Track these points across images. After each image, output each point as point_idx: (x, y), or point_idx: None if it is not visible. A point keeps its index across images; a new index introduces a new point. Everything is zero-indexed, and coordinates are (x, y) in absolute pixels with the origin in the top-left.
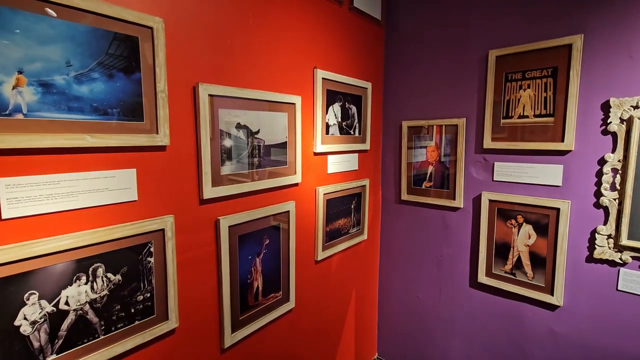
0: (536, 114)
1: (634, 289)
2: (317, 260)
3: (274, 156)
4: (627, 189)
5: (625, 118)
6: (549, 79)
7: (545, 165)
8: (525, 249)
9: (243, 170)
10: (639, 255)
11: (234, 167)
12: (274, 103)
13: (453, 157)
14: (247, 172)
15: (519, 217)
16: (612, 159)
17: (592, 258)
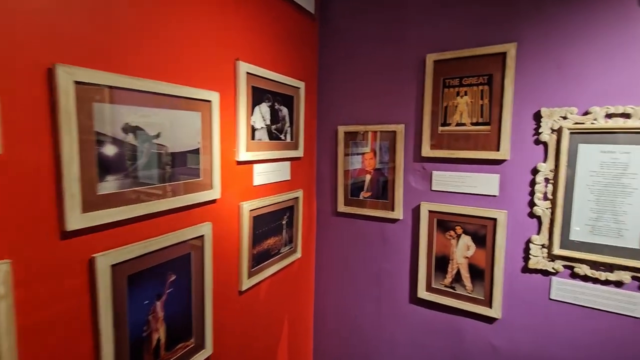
0: (473, 122)
1: (565, 297)
2: (241, 290)
3: (182, 167)
4: (558, 199)
5: (556, 128)
6: (485, 86)
7: (482, 174)
8: (465, 261)
9: (135, 186)
10: (570, 264)
11: (120, 184)
12: (182, 99)
13: (391, 165)
14: (141, 189)
15: (457, 228)
16: (544, 168)
17: (528, 268)
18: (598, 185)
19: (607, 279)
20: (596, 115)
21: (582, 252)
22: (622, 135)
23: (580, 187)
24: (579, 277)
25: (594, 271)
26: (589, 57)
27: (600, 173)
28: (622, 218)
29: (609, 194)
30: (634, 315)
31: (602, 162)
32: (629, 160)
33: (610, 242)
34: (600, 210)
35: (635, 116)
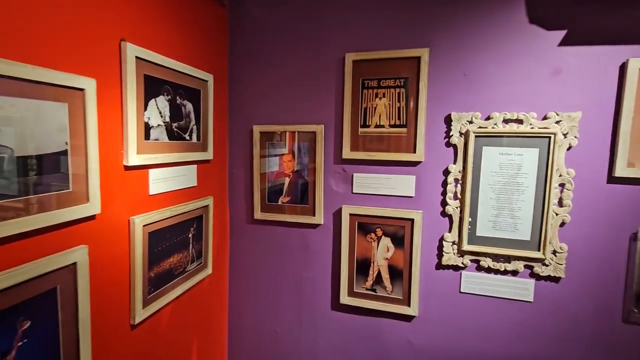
0: (391, 124)
1: (473, 289)
2: (134, 324)
3: (39, 176)
4: (466, 198)
5: (463, 132)
6: (402, 89)
7: (400, 176)
8: (385, 263)
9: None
10: (477, 258)
11: None
12: (35, 85)
13: (311, 167)
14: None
15: (378, 230)
16: (454, 169)
17: (441, 265)
18: (498, 185)
19: (506, 269)
20: (496, 120)
21: (486, 246)
22: (516, 139)
23: (484, 186)
24: (484, 269)
25: (495, 263)
26: (490, 67)
27: (500, 173)
28: (517, 214)
29: (506, 192)
30: (527, 299)
31: (501, 163)
32: (522, 161)
33: (507, 235)
34: (500, 207)
35: (526, 122)
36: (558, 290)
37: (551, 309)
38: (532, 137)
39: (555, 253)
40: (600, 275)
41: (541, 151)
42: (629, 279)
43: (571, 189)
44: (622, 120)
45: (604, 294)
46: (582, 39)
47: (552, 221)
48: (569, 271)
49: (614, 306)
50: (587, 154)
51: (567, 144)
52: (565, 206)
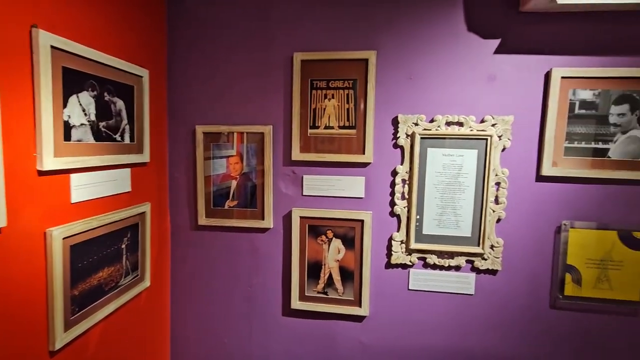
0: (341, 125)
1: (420, 286)
2: (54, 350)
3: None
4: (413, 198)
5: (410, 133)
6: (350, 90)
7: (350, 177)
8: (336, 265)
9: None
10: (423, 256)
11: None
12: None
13: (260, 170)
14: None
15: (328, 232)
16: (401, 170)
17: (390, 264)
18: (442, 184)
19: (450, 265)
20: (439, 123)
21: (432, 244)
22: (457, 141)
23: (429, 186)
24: (430, 266)
25: (440, 259)
26: (434, 71)
27: (443, 173)
28: (459, 212)
29: (449, 191)
30: (469, 292)
31: (444, 164)
32: (462, 162)
33: (451, 233)
34: (444, 206)
35: (466, 124)
36: (496, 282)
37: (490, 299)
38: (472, 139)
39: (493, 247)
40: (531, 266)
41: (479, 152)
42: (554, 267)
43: (506, 187)
44: (547, 124)
45: (534, 282)
46: (513, 48)
47: (489, 218)
48: (505, 264)
49: (543, 293)
50: (518, 155)
51: (502, 145)
52: (501, 203)
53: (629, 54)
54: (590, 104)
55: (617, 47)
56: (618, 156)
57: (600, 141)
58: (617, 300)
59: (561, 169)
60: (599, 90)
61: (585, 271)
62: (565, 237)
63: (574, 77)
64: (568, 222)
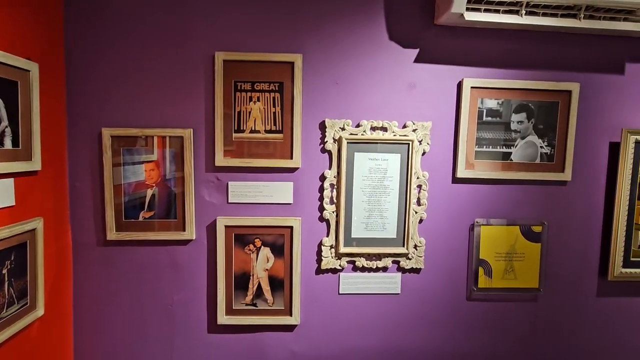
0: (267, 130)
1: (350, 289)
2: None
3: None
4: (341, 202)
5: (337, 138)
6: (277, 94)
7: (278, 183)
8: (265, 274)
9: None
10: (353, 259)
11: None
12: None
13: (180, 177)
14: None
15: (256, 240)
16: (329, 175)
17: (321, 269)
18: (368, 188)
19: (377, 266)
20: (365, 128)
21: (360, 247)
22: (382, 145)
23: (357, 190)
24: (359, 269)
25: (368, 262)
26: (359, 77)
27: (370, 177)
28: (385, 214)
29: (376, 194)
30: (395, 292)
31: (370, 168)
32: (387, 165)
33: (378, 235)
34: (371, 209)
35: (389, 130)
36: (419, 280)
37: (414, 297)
38: (395, 143)
39: (416, 247)
40: (450, 262)
41: (402, 156)
42: (470, 262)
43: (426, 190)
44: (460, 129)
45: (453, 277)
46: (430, 58)
47: (412, 219)
48: (426, 262)
49: (460, 287)
50: (437, 158)
51: (422, 149)
52: (422, 205)
53: (526, 67)
54: (495, 112)
55: (518, 62)
56: (519, 159)
57: (504, 145)
58: (521, 288)
59: (473, 171)
60: (502, 99)
61: (495, 264)
62: (477, 234)
63: (481, 87)
64: (480, 220)
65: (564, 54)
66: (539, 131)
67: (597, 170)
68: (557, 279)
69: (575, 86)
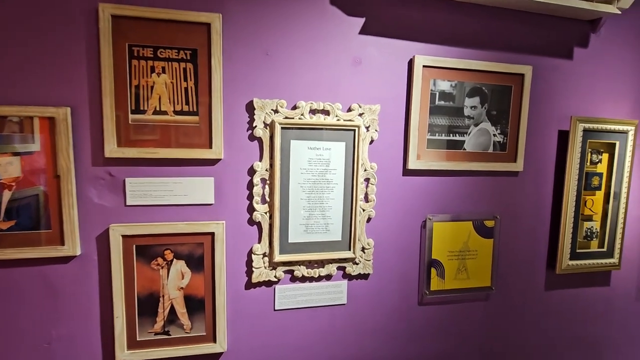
0: (177, 111)
1: (288, 304)
2: None
3: None
4: (275, 201)
5: (268, 122)
6: (189, 64)
7: (194, 178)
8: (179, 294)
9: None
10: (291, 268)
11: None
12: None
13: (53, 173)
14: None
15: (167, 252)
16: (260, 167)
17: (252, 283)
18: (308, 183)
19: (320, 275)
20: (303, 110)
21: (299, 253)
22: (324, 132)
23: (294, 186)
24: (299, 279)
25: (310, 270)
26: (294, 46)
27: (309, 170)
28: (328, 213)
29: (317, 190)
30: (341, 302)
31: (310, 159)
32: (330, 156)
33: (320, 238)
34: (311, 208)
35: (332, 113)
36: (367, 287)
37: (362, 306)
38: (339, 129)
39: (364, 250)
40: (400, 265)
41: (347, 145)
42: (421, 264)
43: (375, 184)
44: (411, 114)
45: (404, 281)
46: (378, 31)
47: (360, 218)
48: (375, 266)
49: (411, 291)
50: (386, 147)
51: (370, 137)
52: (371, 201)
53: (481, 47)
54: (448, 95)
55: (473, 40)
56: (472, 148)
57: (457, 133)
58: (473, 288)
59: (425, 161)
60: (456, 82)
61: (447, 263)
62: (430, 231)
63: (434, 66)
64: (432, 216)
65: (517, 34)
66: (492, 118)
67: (547, 160)
68: (508, 276)
69: (528, 69)
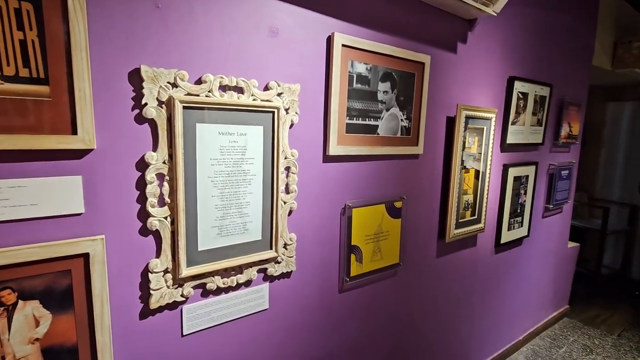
0: (9, 76)
1: (200, 325)
2: None
3: None
4: (179, 201)
5: (165, 99)
6: (28, 4)
7: (48, 179)
8: (34, 348)
9: None
10: (202, 282)
11: None
12: None
13: None
14: None
15: (4, 294)
16: (155, 159)
17: (150, 310)
18: (221, 176)
19: (239, 282)
20: (211, 86)
21: (212, 262)
22: (238, 113)
23: (203, 180)
24: (212, 292)
25: (225, 279)
26: (196, 4)
27: (222, 160)
28: (245, 210)
29: (232, 184)
30: (262, 308)
31: (222, 147)
32: (246, 142)
33: (237, 240)
34: (225, 205)
35: (247, 91)
36: (290, 285)
37: (286, 307)
38: (256, 111)
39: (287, 246)
40: (323, 256)
41: (265, 129)
42: (342, 252)
43: (296, 173)
44: (331, 97)
45: (326, 272)
46: None
47: (281, 211)
48: (298, 262)
49: (333, 281)
50: (306, 133)
51: (290, 120)
52: (292, 192)
53: (394, 33)
54: (364, 78)
55: (387, 25)
56: (384, 132)
57: (372, 118)
58: (386, 267)
59: (344, 147)
60: (370, 65)
61: (365, 247)
62: (349, 218)
63: (352, 46)
64: (351, 203)
65: (421, 24)
66: (400, 103)
67: (438, 143)
68: (411, 250)
69: (427, 59)
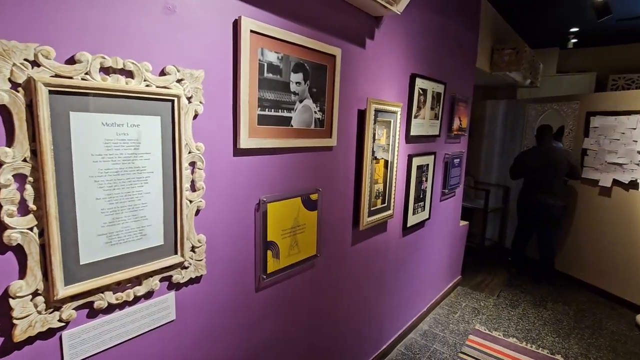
0: None
1: (87, 350)
2: None
3: None
4: (50, 207)
5: (22, 81)
6: None
7: None
8: None
9: None
10: (88, 301)
11: None
12: None
13: None
14: None
15: None
16: (11, 157)
17: (14, 345)
18: (108, 175)
19: (137, 295)
20: (88, 67)
21: (100, 277)
22: (130, 101)
23: (83, 180)
24: (102, 311)
25: (119, 294)
26: None
27: (108, 156)
28: (142, 213)
29: (123, 184)
30: (169, 320)
31: (107, 140)
32: (139, 135)
33: (133, 247)
34: (115, 209)
35: (139, 76)
36: (201, 291)
37: (197, 314)
38: (151, 99)
39: (194, 249)
40: (236, 255)
41: (164, 120)
42: (257, 249)
43: (203, 168)
44: (240, 86)
45: (241, 273)
46: None
47: (187, 211)
48: (209, 265)
49: (249, 280)
50: (214, 124)
51: (193, 110)
52: (199, 189)
53: (306, 23)
54: (276, 68)
55: (298, 14)
56: (298, 124)
57: (285, 109)
58: (303, 260)
59: (257, 139)
60: (282, 54)
61: (282, 242)
62: (264, 214)
63: (261, 33)
64: (266, 198)
65: (333, 15)
66: (313, 95)
67: (351, 135)
68: (328, 240)
69: (338, 51)
